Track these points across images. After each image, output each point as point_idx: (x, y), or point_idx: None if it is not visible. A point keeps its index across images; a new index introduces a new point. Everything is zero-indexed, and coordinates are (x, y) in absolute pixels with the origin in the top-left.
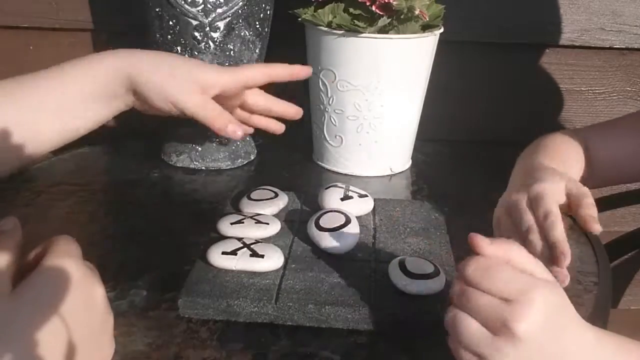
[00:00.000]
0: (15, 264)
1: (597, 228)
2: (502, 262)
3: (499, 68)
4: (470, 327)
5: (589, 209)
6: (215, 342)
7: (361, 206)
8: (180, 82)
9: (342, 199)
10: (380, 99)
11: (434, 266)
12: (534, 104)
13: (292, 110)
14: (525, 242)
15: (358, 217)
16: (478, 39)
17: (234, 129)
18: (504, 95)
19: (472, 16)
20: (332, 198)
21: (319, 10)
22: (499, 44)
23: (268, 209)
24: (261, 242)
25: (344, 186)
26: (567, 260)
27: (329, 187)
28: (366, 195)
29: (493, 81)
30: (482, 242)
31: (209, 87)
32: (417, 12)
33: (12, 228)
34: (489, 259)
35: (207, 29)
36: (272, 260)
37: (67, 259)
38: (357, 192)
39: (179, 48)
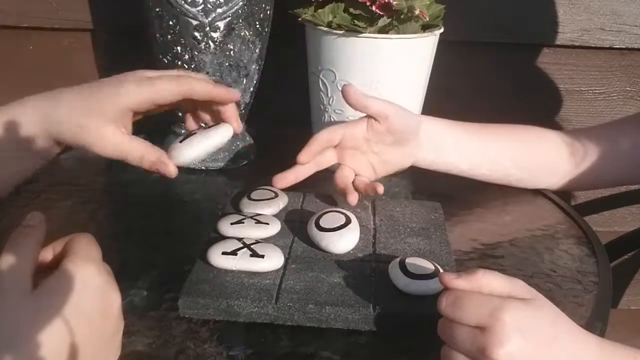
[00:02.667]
0: (36, 260)
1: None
2: (471, 291)
3: (499, 68)
4: None
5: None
6: (215, 342)
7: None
8: (90, 130)
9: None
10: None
11: (434, 266)
12: (534, 104)
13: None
14: None
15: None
16: (478, 39)
17: (165, 169)
18: (503, 95)
19: (472, 16)
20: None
21: (319, 10)
22: (499, 44)
23: (268, 209)
24: (261, 242)
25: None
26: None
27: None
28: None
29: (493, 81)
30: (447, 278)
31: (123, 116)
32: (417, 12)
33: (37, 224)
34: (458, 291)
35: (207, 28)
36: (272, 260)
37: (89, 264)
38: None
39: (179, 48)
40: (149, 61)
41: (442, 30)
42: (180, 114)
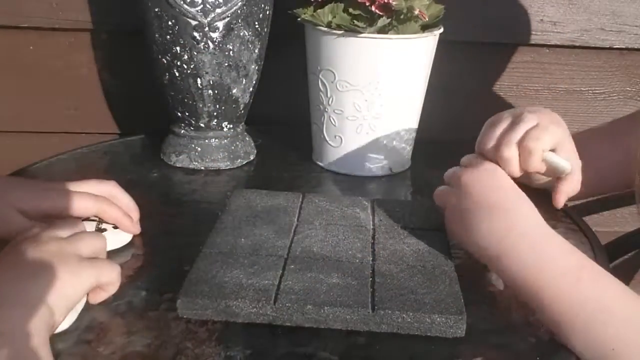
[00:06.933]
0: None
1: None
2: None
3: (499, 68)
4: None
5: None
6: (214, 342)
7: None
8: None
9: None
10: (380, 99)
11: None
12: (534, 104)
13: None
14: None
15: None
16: (478, 39)
17: None
18: (503, 95)
19: (472, 16)
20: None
21: (319, 10)
22: (499, 44)
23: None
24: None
25: (96, 219)
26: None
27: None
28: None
29: (493, 81)
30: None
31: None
32: (416, 12)
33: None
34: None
35: (206, 29)
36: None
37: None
38: (111, 223)
39: (178, 48)
40: (149, 61)
41: (441, 30)
42: (179, 114)
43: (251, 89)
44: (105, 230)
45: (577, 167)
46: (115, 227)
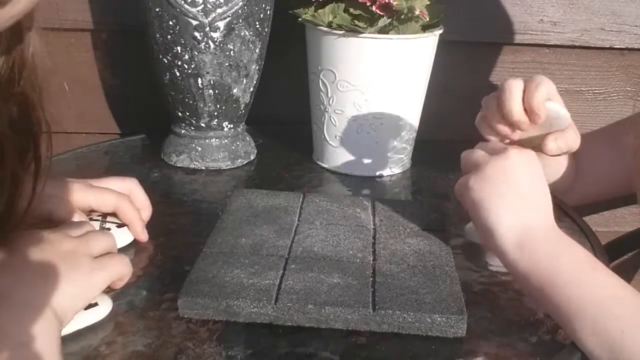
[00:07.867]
0: None
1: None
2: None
3: (499, 68)
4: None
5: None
6: (214, 342)
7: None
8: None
9: None
10: (380, 99)
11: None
12: None
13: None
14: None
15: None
16: (478, 39)
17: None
18: None
19: (472, 16)
20: None
21: (319, 11)
22: (499, 44)
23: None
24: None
25: (99, 218)
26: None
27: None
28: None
29: (493, 81)
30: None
31: None
32: (417, 12)
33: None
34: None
35: (207, 28)
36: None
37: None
38: (115, 223)
39: (178, 48)
40: (149, 61)
41: (442, 30)
42: (180, 114)
43: (252, 89)
44: (109, 229)
45: (573, 124)
46: (119, 227)
